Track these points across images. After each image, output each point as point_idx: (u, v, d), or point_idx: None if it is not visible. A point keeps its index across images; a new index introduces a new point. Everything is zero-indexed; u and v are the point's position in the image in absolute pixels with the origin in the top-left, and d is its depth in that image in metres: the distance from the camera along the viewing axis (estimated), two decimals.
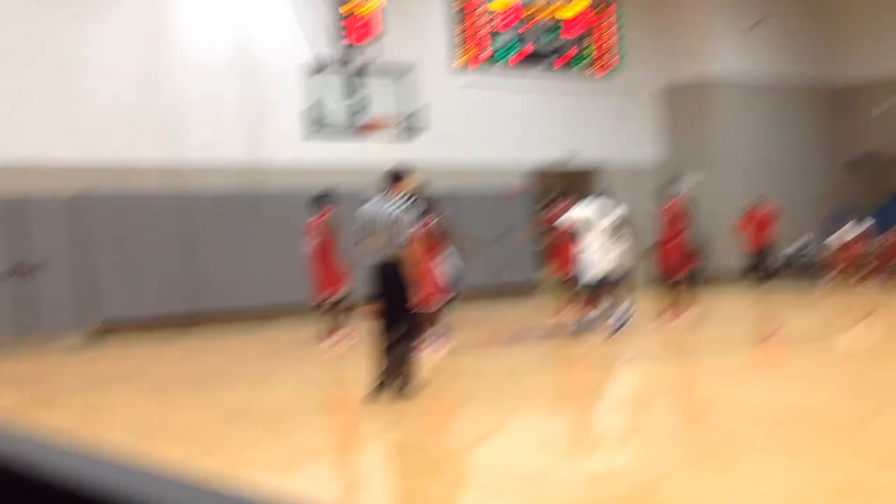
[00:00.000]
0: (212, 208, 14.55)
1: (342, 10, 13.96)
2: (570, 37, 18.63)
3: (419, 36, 16.93)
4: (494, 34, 17.78)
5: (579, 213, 10.68)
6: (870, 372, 7.70)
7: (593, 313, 10.77)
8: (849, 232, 16.03)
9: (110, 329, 12.84)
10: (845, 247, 15.94)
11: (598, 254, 10.41)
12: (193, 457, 5.65)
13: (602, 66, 18.97)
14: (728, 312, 13.80)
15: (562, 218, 10.97)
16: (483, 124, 17.68)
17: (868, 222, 17.45)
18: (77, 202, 12.85)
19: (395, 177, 7.38)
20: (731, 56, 19.17)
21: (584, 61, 18.79)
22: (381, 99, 14.02)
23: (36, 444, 0.96)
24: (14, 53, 12.74)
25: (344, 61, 13.80)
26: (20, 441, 0.97)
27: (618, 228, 10.56)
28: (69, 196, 12.80)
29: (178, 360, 10.83)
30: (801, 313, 13.05)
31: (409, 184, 7.46)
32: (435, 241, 9.95)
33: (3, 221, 12.30)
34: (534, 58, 18.27)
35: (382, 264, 7.12)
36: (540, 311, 14.28)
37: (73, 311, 12.70)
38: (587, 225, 10.49)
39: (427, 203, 9.82)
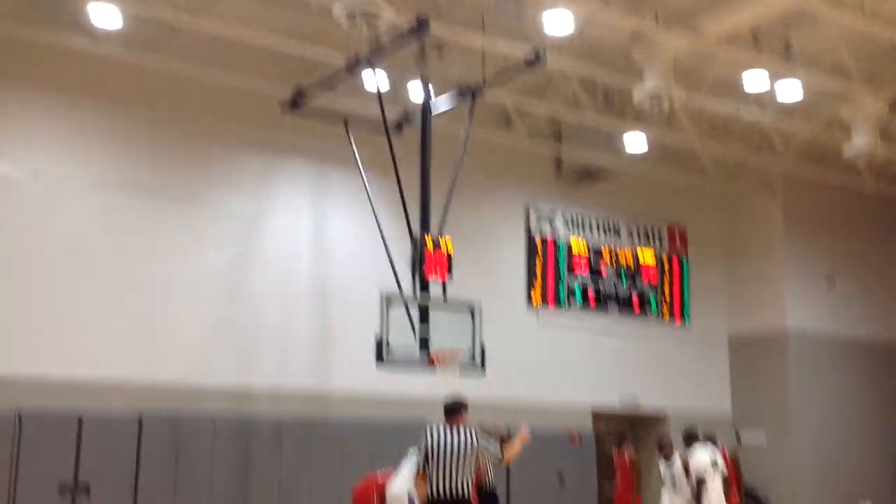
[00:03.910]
0: (274, 434, 14.32)
1: (421, 244, 14.06)
2: (646, 283, 18.74)
3: (493, 272, 17.11)
4: (570, 274, 17.92)
5: (705, 456, 10.11)
6: None
7: None
8: None
9: None
10: None
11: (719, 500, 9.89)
12: None
13: (674, 313, 19.00)
14: None
15: (696, 461, 10.31)
16: (551, 364, 17.48)
17: None
18: (143, 422, 12.78)
19: (459, 407, 7.13)
20: (801, 311, 19.02)
21: (658, 308, 18.81)
22: (450, 334, 13.89)
23: None
24: (99, 271, 13.04)
25: (418, 294, 13.84)
26: None
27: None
28: (133, 415, 12.74)
29: None
30: None
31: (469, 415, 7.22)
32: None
33: (71, 437, 12.19)
34: (608, 300, 18.29)
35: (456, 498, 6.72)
36: None
37: None
38: (714, 469, 9.96)
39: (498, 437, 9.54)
